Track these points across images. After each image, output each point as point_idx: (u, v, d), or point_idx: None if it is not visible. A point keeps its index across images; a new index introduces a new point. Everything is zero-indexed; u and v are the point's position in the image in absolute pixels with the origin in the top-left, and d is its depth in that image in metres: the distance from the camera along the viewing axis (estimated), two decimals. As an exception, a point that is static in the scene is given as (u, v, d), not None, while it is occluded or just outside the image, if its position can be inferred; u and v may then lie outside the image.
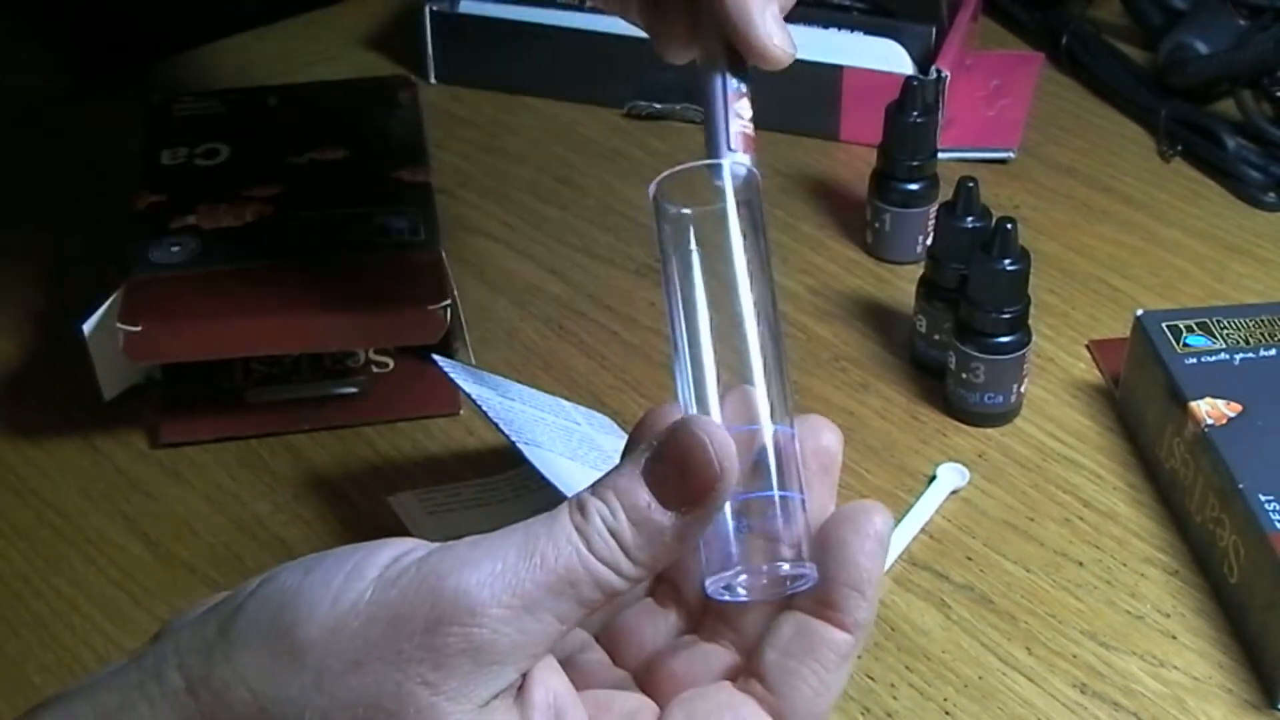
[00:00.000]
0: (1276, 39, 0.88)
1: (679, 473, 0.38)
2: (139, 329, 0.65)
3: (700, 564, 0.40)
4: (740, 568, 0.40)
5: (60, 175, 0.86)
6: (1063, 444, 0.68)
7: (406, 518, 0.63)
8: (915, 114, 0.76)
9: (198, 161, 0.77)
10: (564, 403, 0.66)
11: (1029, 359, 0.68)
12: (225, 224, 0.72)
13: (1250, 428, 0.61)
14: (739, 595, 0.40)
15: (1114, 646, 0.59)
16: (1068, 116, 0.92)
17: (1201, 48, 0.90)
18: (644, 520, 0.38)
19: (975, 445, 0.68)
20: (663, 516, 0.38)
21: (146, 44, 0.97)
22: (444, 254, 0.70)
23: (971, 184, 0.69)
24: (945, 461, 0.67)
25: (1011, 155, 0.87)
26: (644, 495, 0.38)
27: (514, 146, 0.89)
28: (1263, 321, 0.67)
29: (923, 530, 0.64)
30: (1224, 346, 0.65)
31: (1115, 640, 0.59)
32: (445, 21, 0.93)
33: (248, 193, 0.74)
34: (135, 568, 0.63)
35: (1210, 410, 0.62)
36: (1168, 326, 0.66)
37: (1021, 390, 0.69)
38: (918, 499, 0.65)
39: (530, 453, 0.56)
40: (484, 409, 0.57)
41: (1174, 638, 0.59)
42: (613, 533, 0.38)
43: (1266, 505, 0.58)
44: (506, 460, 0.65)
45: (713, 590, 0.40)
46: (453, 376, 0.59)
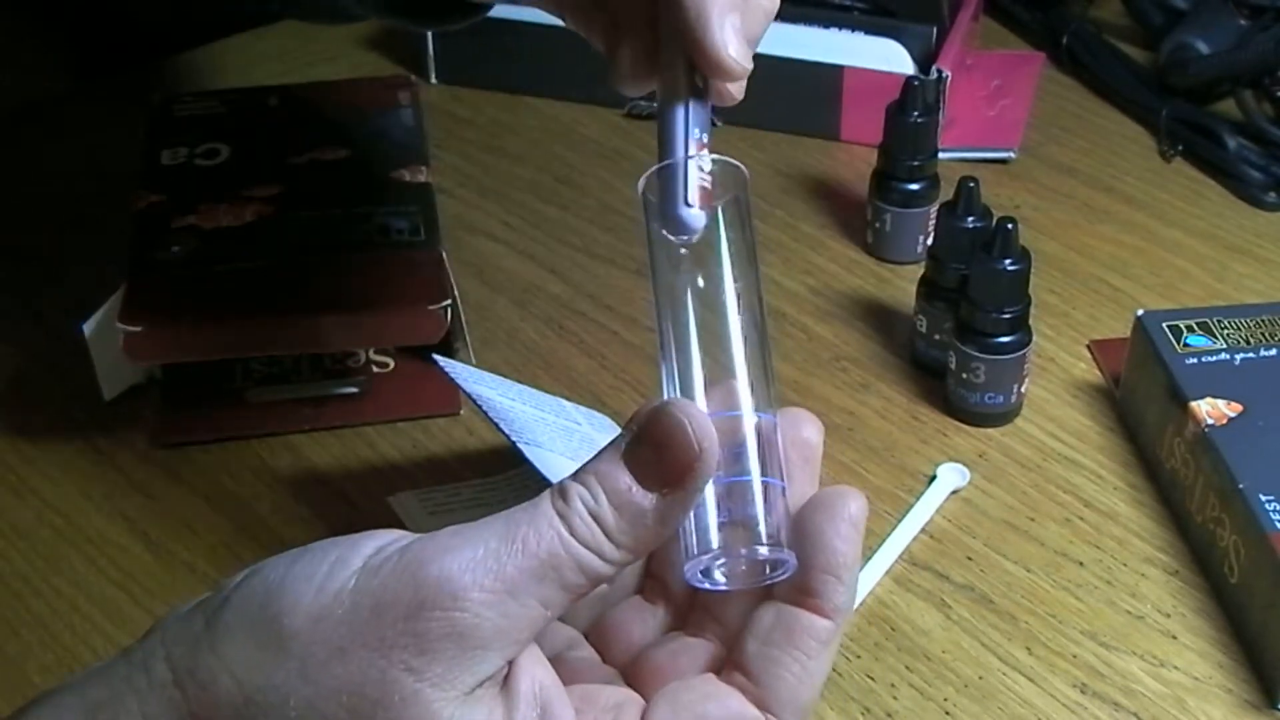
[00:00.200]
0: (1277, 39, 0.87)
1: (658, 454, 0.38)
2: (139, 329, 0.65)
3: (680, 550, 0.40)
4: (719, 552, 0.40)
5: (60, 175, 0.86)
6: (1063, 444, 0.68)
7: (407, 518, 0.63)
8: (916, 114, 0.76)
9: (198, 161, 0.77)
10: (564, 403, 0.66)
11: (1029, 359, 0.68)
12: (225, 224, 0.72)
13: (1251, 428, 0.61)
14: (718, 582, 0.41)
15: (1114, 646, 0.59)
16: (1069, 116, 0.92)
17: (1203, 47, 0.90)
18: (625, 503, 0.38)
19: (975, 445, 0.68)
20: (644, 499, 0.38)
21: (146, 44, 0.97)
22: (444, 254, 0.70)
23: (972, 184, 0.69)
24: (945, 461, 0.67)
25: (1012, 155, 0.87)
26: (625, 478, 0.38)
27: (514, 146, 0.89)
28: (1263, 321, 0.67)
29: (923, 530, 0.64)
30: (1224, 346, 0.65)
31: (1115, 640, 0.59)
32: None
33: (248, 193, 0.74)
34: (135, 568, 0.63)
35: (1211, 410, 0.62)
36: (1168, 326, 0.66)
37: (1022, 390, 0.69)
38: (918, 499, 0.65)
39: (530, 453, 0.56)
40: (484, 409, 0.57)
41: (1174, 638, 0.59)
42: (594, 516, 0.38)
43: (1267, 505, 0.57)
44: (506, 460, 0.65)
45: (691, 575, 0.40)
46: (453, 376, 0.59)
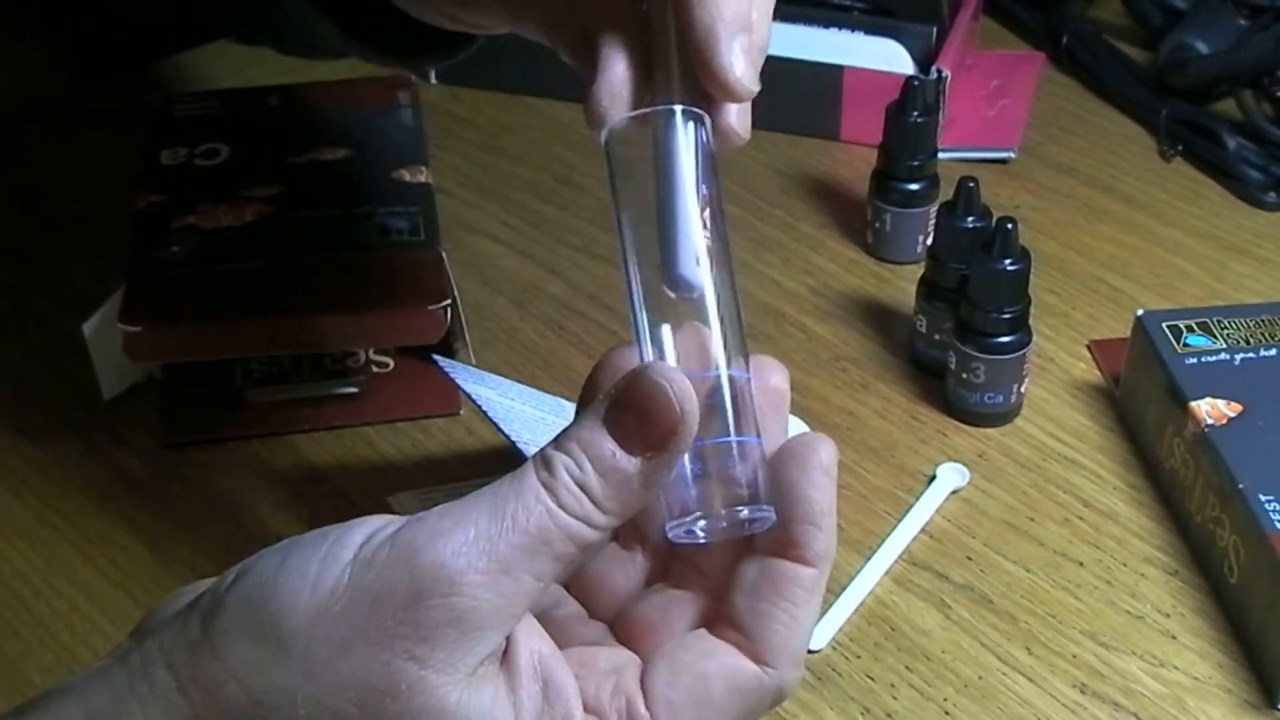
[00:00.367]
0: (1277, 39, 0.88)
1: (641, 419, 0.38)
2: (139, 329, 0.65)
3: (661, 509, 0.41)
4: (699, 512, 0.40)
5: (60, 175, 0.86)
6: (1063, 444, 0.68)
7: (406, 518, 0.63)
8: (916, 114, 0.76)
9: (198, 161, 0.77)
10: (564, 403, 0.66)
11: (1029, 359, 0.68)
12: (225, 224, 0.72)
13: (1250, 428, 0.61)
14: (698, 538, 0.41)
15: (1114, 646, 0.59)
16: (1068, 116, 0.92)
17: (1202, 47, 0.90)
18: (611, 469, 0.38)
19: (975, 445, 0.68)
20: (628, 464, 0.38)
21: (146, 44, 0.97)
22: (444, 254, 0.70)
23: (972, 184, 0.69)
24: (945, 461, 0.67)
25: (1012, 155, 0.87)
26: (608, 444, 0.38)
27: (514, 146, 0.89)
28: (1263, 321, 0.67)
29: (923, 530, 0.64)
30: (1224, 346, 0.65)
31: (1115, 640, 0.59)
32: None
33: (248, 193, 0.74)
34: (135, 568, 0.63)
35: (1210, 410, 0.62)
36: (1168, 326, 0.66)
37: (1021, 390, 0.69)
38: (918, 499, 0.65)
39: (530, 453, 0.55)
40: (484, 409, 0.57)
41: (1174, 638, 0.59)
42: (580, 485, 0.38)
43: (1266, 505, 0.57)
44: (506, 460, 0.64)
45: (673, 535, 0.41)
46: (453, 376, 0.59)
